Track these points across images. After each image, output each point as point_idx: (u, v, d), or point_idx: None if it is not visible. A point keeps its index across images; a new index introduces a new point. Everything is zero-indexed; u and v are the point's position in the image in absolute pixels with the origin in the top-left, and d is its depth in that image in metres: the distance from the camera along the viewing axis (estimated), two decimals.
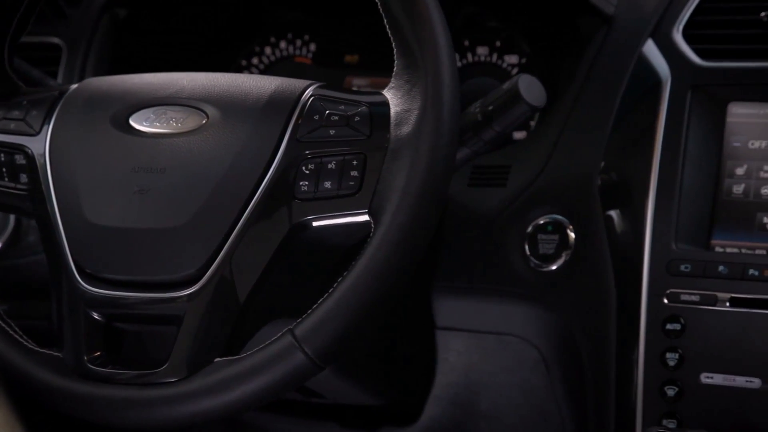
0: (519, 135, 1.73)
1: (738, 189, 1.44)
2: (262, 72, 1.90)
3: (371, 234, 1.22)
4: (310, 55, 1.90)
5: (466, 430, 1.68)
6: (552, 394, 1.58)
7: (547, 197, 1.54)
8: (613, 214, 1.48)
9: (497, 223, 1.57)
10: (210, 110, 1.32)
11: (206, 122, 1.31)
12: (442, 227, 1.60)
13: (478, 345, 1.63)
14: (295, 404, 1.74)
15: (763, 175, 1.43)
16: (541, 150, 1.57)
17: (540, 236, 1.53)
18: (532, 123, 1.72)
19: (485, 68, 1.77)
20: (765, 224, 1.42)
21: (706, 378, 1.35)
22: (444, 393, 1.67)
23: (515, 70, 1.75)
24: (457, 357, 1.65)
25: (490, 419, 1.67)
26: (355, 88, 1.84)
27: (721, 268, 1.38)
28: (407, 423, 1.71)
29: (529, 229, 1.55)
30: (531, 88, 1.38)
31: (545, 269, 1.53)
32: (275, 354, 1.20)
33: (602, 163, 1.51)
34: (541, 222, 1.54)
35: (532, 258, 1.54)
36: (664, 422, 1.36)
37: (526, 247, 1.54)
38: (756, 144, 1.44)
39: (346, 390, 1.64)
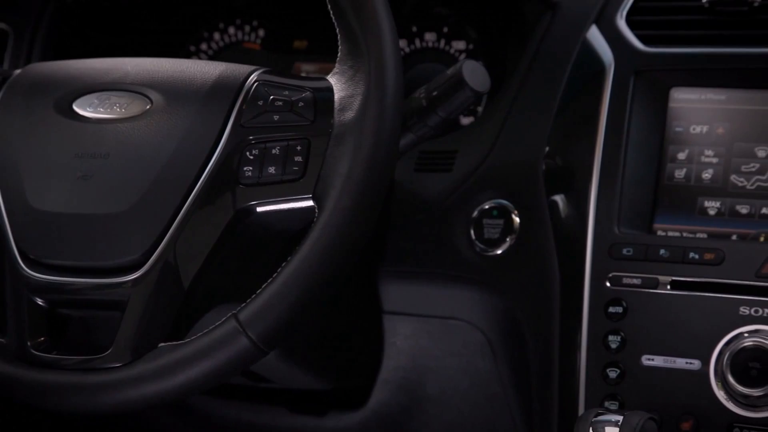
0: (466, 120, 1.74)
1: (680, 173, 1.45)
2: (211, 58, 1.90)
3: (315, 219, 1.22)
4: (258, 41, 1.90)
5: (413, 413, 1.69)
6: (498, 377, 1.59)
7: (493, 182, 1.55)
8: (558, 198, 1.50)
9: (443, 208, 1.58)
10: (154, 96, 1.32)
11: (150, 108, 1.32)
12: (388, 212, 1.60)
13: (425, 329, 1.64)
14: (244, 389, 1.74)
15: (704, 159, 1.45)
16: (487, 135, 1.58)
17: (485, 221, 1.55)
18: (480, 108, 1.73)
19: (433, 54, 1.77)
20: (706, 208, 1.43)
21: (647, 360, 1.37)
22: (391, 377, 1.68)
23: (462, 56, 1.76)
24: (404, 341, 1.65)
25: (437, 403, 1.68)
26: (303, 74, 1.85)
27: (662, 251, 1.40)
28: (355, 407, 1.72)
29: (475, 213, 1.55)
30: (475, 74, 1.39)
31: (490, 254, 1.54)
32: (219, 338, 1.21)
33: (547, 148, 1.52)
34: (487, 207, 1.55)
35: (477, 242, 1.55)
36: (606, 404, 1.37)
37: (472, 231, 1.55)
38: (697, 129, 1.46)
39: (294, 375, 1.64)
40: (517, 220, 1.53)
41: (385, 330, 1.66)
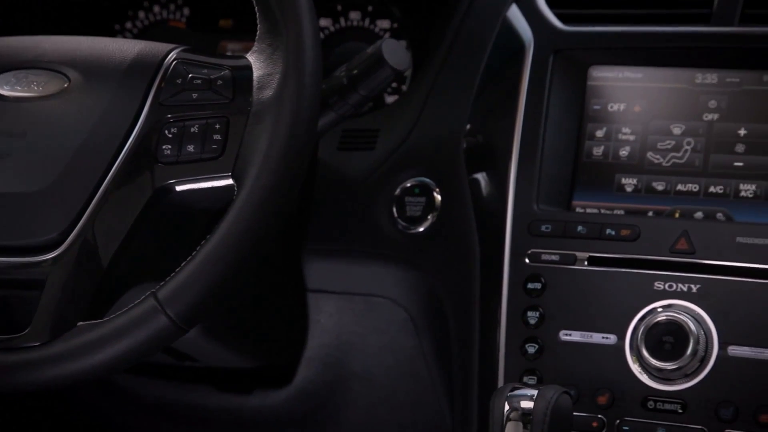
0: (391, 99, 1.75)
1: (598, 151, 1.47)
2: (136, 36, 1.89)
3: (234, 197, 1.23)
4: (184, 20, 1.89)
5: (338, 391, 1.71)
6: (421, 353, 1.61)
7: (414, 160, 1.56)
8: (479, 176, 1.51)
9: (366, 186, 1.58)
10: (72, 74, 1.32)
11: (68, 86, 1.31)
12: (311, 190, 1.61)
13: (349, 307, 1.65)
14: (169, 368, 1.74)
15: (621, 137, 1.47)
16: (409, 114, 1.59)
17: (407, 199, 1.56)
18: (404, 87, 1.74)
19: (358, 33, 1.78)
20: (623, 185, 1.45)
21: (564, 335, 1.39)
22: (316, 355, 1.69)
23: (387, 35, 1.77)
24: (328, 319, 1.66)
25: (362, 380, 1.69)
26: (229, 53, 1.84)
27: (580, 228, 1.42)
28: (281, 385, 1.73)
29: (397, 191, 1.57)
30: (394, 52, 1.40)
31: (412, 231, 1.55)
32: (137, 317, 1.21)
33: (468, 126, 1.53)
34: (409, 185, 1.56)
35: (399, 220, 1.56)
36: (525, 378, 1.39)
37: (394, 209, 1.56)
38: (615, 107, 1.48)
39: (220, 353, 1.65)
40: (438, 197, 1.54)
41: (309, 308, 1.67)
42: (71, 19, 1.86)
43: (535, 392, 1.24)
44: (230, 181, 1.24)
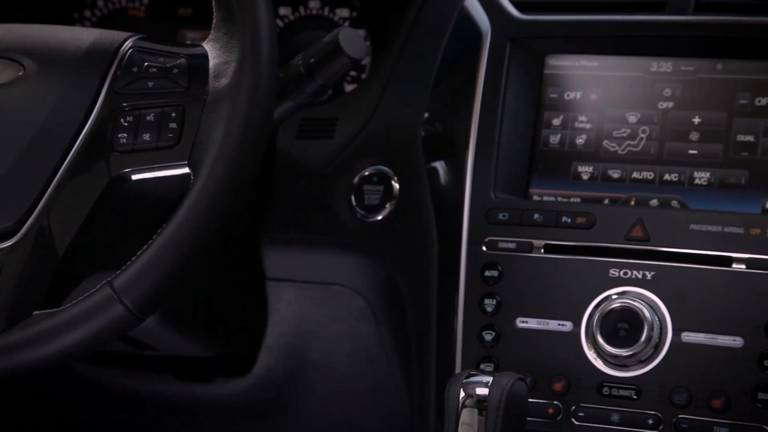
0: (350, 88, 1.75)
1: (554, 139, 1.48)
2: (95, 25, 1.88)
3: (190, 185, 1.23)
4: (143, 8, 1.88)
5: (298, 379, 1.71)
6: (379, 341, 1.61)
7: (373, 149, 1.57)
8: (437, 165, 1.52)
9: (324, 175, 1.59)
10: (27, 62, 1.31)
11: (23, 74, 1.31)
12: (270, 179, 1.61)
13: (308, 295, 1.65)
14: (130, 357, 1.74)
15: (578, 125, 1.47)
16: (367, 102, 1.59)
17: (365, 187, 1.56)
18: (363, 76, 1.74)
19: (317, 21, 1.78)
20: (580, 173, 1.46)
21: (521, 322, 1.40)
22: (276, 343, 1.69)
23: (347, 24, 1.77)
24: (287, 307, 1.67)
25: (322, 368, 1.70)
26: (189, 42, 1.84)
27: (536, 215, 1.42)
28: (241, 373, 1.73)
29: (355, 180, 1.57)
30: (351, 41, 1.41)
31: (371, 219, 1.56)
32: (93, 306, 1.21)
33: (426, 115, 1.54)
34: (367, 173, 1.57)
35: (358, 209, 1.56)
36: (482, 366, 1.40)
37: (352, 198, 1.57)
38: (572, 95, 1.48)
39: (180, 342, 1.65)
40: (396, 186, 1.54)
41: (268, 297, 1.67)
42: (30, 7, 1.85)
43: (490, 379, 1.25)
44: (186, 170, 1.24)
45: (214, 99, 1.25)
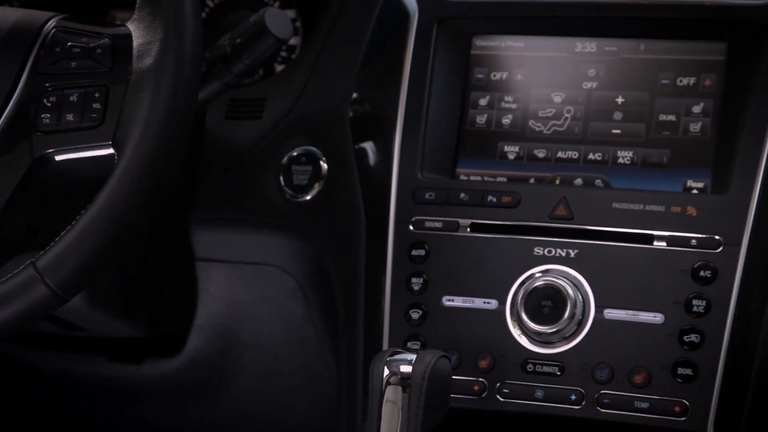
0: (281, 68, 1.75)
1: (481, 119, 1.49)
2: (23, 5, 1.86)
3: (114, 166, 1.22)
4: None
5: (229, 359, 1.71)
6: (310, 321, 1.62)
7: (301, 129, 1.57)
8: (365, 145, 1.52)
9: (253, 155, 1.59)
10: None
11: None
12: (199, 159, 1.61)
13: (238, 275, 1.65)
14: (60, 339, 1.73)
15: (504, 105, 1.49)
16: (296, 83, 1.59)
17: (294, 167, 1.56)
18: (294, 56, 1.74)
19: (247, 2, 1.77)
20: (506, 153, 1.48)
21: (447, 301, 1.41)
22: (206, 323, 1.69)
23: (277, 5, 1.77)
24: (217, 288, 1.66)
25: (253, 348, 1.70)
26: (119, 22, 1.83)
27: (462, 195, 1.43)
28: (172, 354, 1.73)
29: (284, 160, 1.57)
30: (277, 21, 1.41)
31: (299, 200, 1.56)
32: (16, 286, 1.20)
33: (354, 95, 1.54)
34: (295, 153, 1.57)
35: (286, 189, 1.57)
36: (409, 344, 1.41)
37: (281, 178, 1.57)
38: (498, 76, 1.50)
39: (110, 323, 1.64)
40: (324, 166, 1.55)
41: (198, 277, 1.67)
42: None
43: (413, 357, 1.26)
44: (110, 150, 1.24)
45: (137, 79, 1.25)
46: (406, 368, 1.25)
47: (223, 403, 1.76)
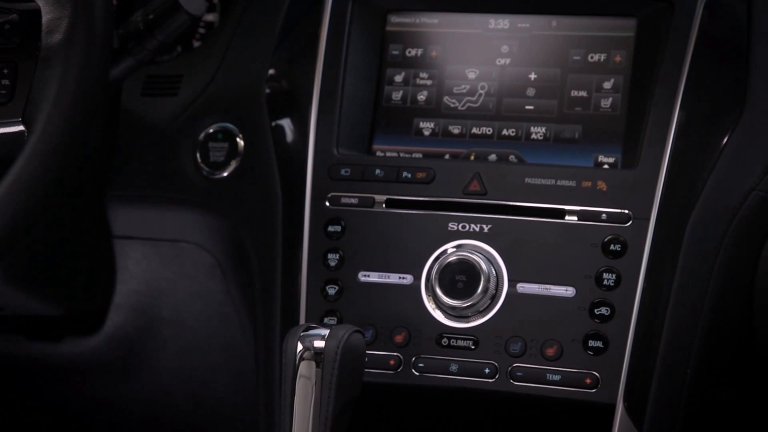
0: (198, 45, 1.74)
1: (397, 96, 1.50)
2: None
3: (24, 143, 1.22)
4: None
5: (150, 336, 1.71)
6: (229, 298, 1.62)
7: (218, 106, 1.57)
8: (282, 122, 1.52)
9: (169, 132, 1.58)
10: None
11: None
12: (115, 136, 1.60)
13: (156, 252, 1.65)
14: None
15: (419, 82, 1.49)
16: (212, 59, 1.59)
17: (210, 144, 1.56)
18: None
19: None
20: (421, 129, 1.48)
21: (363, 276, 1.42)
22: (125, 301, 1.69)
23: None
24: (136, 265, 1.66)
25: (173, 325, 1.70)
26: None
27: (378, 171, 1.44)
28: (91, 332, 1.72)
29: (201, 137, 1.57)
30: None
31: (216, 176, 1.56)
32: None
33: (271, 72, 1.54)
34: (212, 130, 1.57)
35: (203, 166, 1.57)
36: (326, 320, 1.41)
37: (198, 155, 1.57)
38: (413, 52, 1.50)
39: (26, 301, 1.63)
40: (241, 143, 1.55)
41: (116, 254, 1.66)
42: None
43: (327, 332, 1.26)
44: (20, 127, 1.23)
45: (47, 55, 1.24)
46: (319, 343, 1.25)
47: (144, 380, 1.75)
